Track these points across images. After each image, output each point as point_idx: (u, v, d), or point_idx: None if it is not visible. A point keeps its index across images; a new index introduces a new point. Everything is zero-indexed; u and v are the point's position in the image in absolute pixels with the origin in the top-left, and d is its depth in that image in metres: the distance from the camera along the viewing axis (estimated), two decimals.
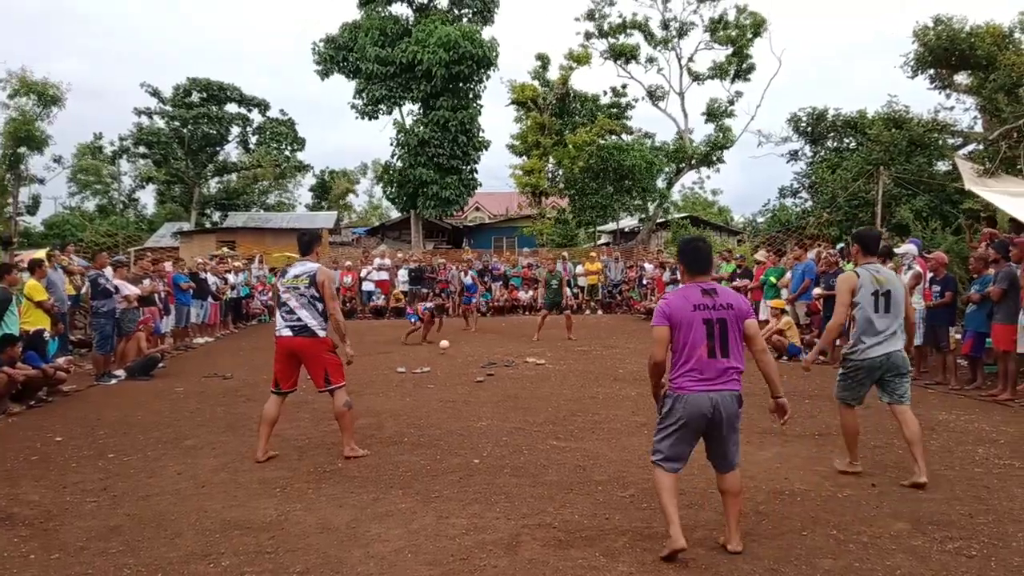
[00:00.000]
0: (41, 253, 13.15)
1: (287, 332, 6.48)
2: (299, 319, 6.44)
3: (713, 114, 33.76)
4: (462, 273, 21.04)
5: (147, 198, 52.29)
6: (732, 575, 4.00)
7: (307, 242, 6.75)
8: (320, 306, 6.48)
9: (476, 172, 34.02)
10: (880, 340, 5.73)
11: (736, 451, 4.34)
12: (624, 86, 35.72)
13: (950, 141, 21.63)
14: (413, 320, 16.32)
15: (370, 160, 61.86)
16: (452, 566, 4.18)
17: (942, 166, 20.92)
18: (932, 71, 21.25)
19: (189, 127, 42.83)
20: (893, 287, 5.78)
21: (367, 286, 23.77)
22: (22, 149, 33.46)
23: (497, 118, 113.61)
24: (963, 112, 22.68)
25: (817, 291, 12.48)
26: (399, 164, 33.27)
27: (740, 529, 4.38)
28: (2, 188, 34.42)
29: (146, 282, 13.24)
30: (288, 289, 6.52)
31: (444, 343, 11.77)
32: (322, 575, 4.08)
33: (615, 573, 4.03)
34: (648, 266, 22.74)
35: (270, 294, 22.46)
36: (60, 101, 33.74)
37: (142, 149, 43.78)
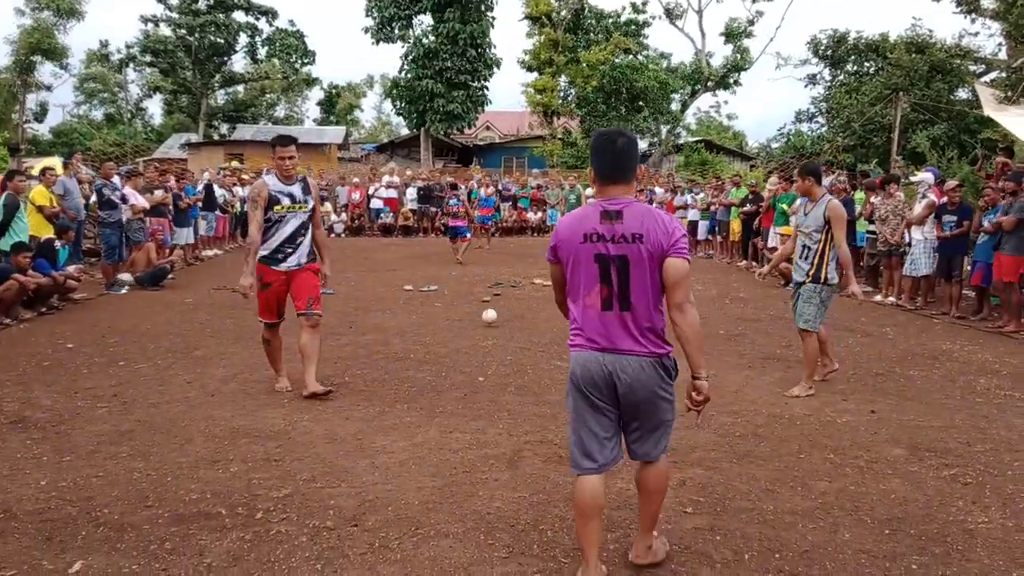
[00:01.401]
0: (55, 160, 13.10)
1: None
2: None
3: (732, 34, 32.92)
4: (483, 188, 20.79)
5: (154, 108, 51.87)
6: (728, 496, 4.07)
7: None
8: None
9: (487, 89, 33.45)
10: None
11: (659, 439, 3.15)
12: (644, 2, 34.76)
13: (972, 67, 21.07)
14: (468, 236, 15.99)
15: (378, 75, 60.83)
16: (455, 478, 4.27)
17: (962, 93, 20.46)
18: None
19: (196, 35, 41.98)
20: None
21: (375, 203, 23.66)
22: (35, 57, 33.07)
23: (510, 35, 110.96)
24: (987, 38, 22.14)
25: None
26: (407, 76, 32.68)
27: (650, 537, 3.31)
28: (11, 95, 34.13)
29: (158, 192, 13.22)
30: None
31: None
32: (328, 483, 4.18)
33: (613, 489, 4.12)
34: (658, 190, 22.53)
35: None
36: (79, 13, 33.22)
37: (148, 57, 43.02)
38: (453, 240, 15.90)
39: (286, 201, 5.75)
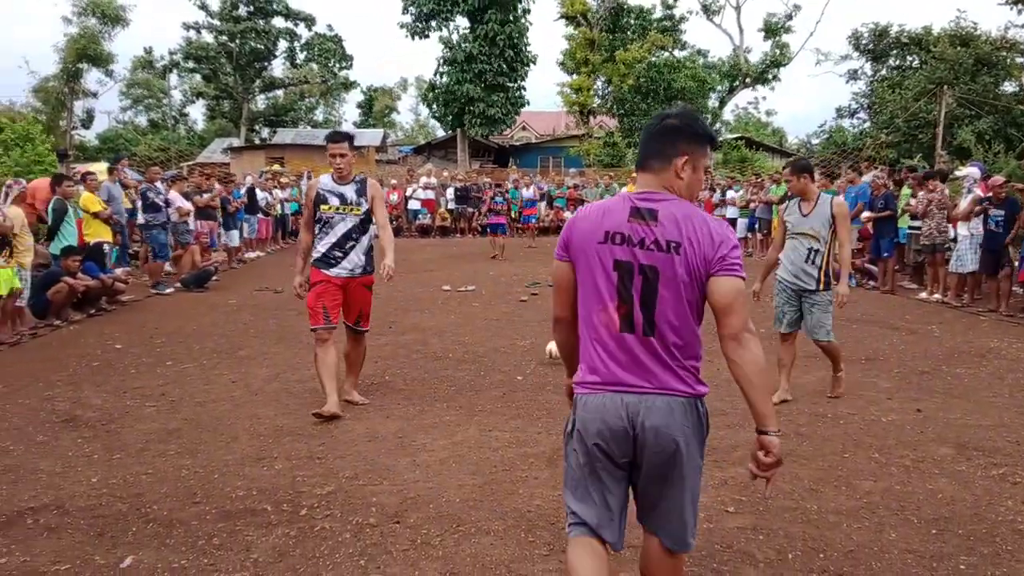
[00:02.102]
0: (101, 166, 13.40)
1: None
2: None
3: (770, 30, 32.54)
4: (525, 187, 20.82)
5: (197, 113, 52.79)
6: (771, 495, 4.03)
7: None
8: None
9: (524, 90, 33.47)
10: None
11: (686, 516, 2.37)
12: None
13: (1019, 60, 20.57)
14: (506, 233, 17.04)
15: (412, 77, 61.14)
16: (495, 476, 4.30)
17: (1009, 87, 20.01)
18: None
19: (237, 41, 42.66)
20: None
21: (413, 204, 23.79)
22: (82, 64, 33.90)
23: (546, 34, 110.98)
24: None
25: (866, 215, 12.18)
26: (445, 80, 32.82)
27: None
28: (59, 102, 35.01)
29: (206, 195, 13.51)
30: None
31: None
32: (371, 480, 4.23)
33: None
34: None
35: None
36: (124, 20, 34.01)
37: (191, 64, 43.84)
38: (493, 235, 16.78)
39: (334, 201, 5.46)
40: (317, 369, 5.49)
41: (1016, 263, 9.89)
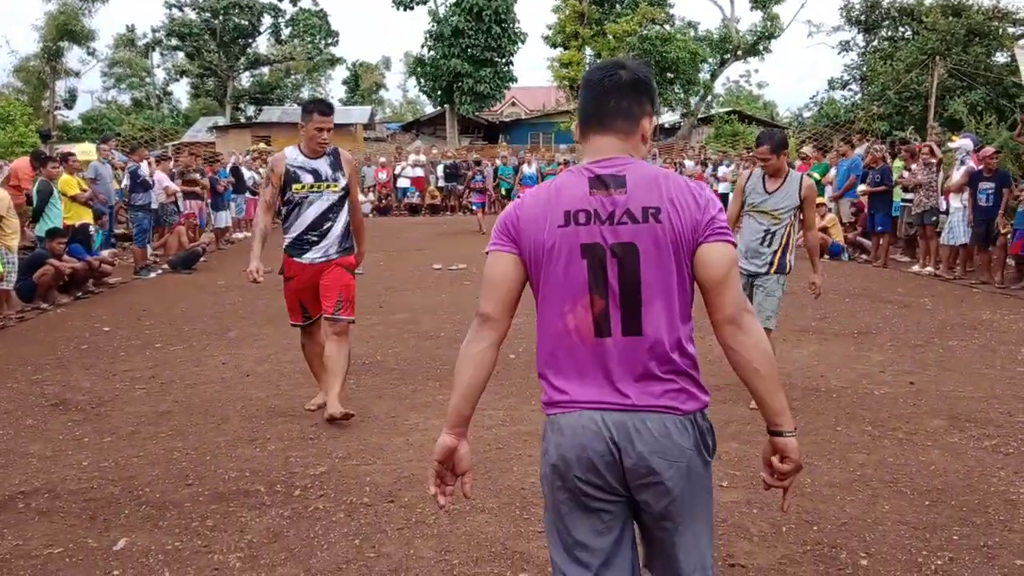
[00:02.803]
0: (86, 146, 13.24)
1: None
2: None
3: (760, 1, 32.26)
4: (525, 164, 20.70)
5: (181, 92, 52.20)
6: (789, 510, 4.03)
7: None
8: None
9: (512, 65, 33.20)
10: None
11: (705, 561, 1.89)
12: None
13: (1011, 30, 20.48)
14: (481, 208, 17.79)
15: (401, 53, 60.52)
16: (489, 455, 4.29)
17: (1000, 57, 19.92)
18: None
19: (220, 18, 42.09)
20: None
21: (402, 183, 23.65)
22: (62, 42, 33.44)
23: (534, 8, 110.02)
24: None
25: (862, 188, 12.17)
26: (432, 55, 32.52)
27: None
28: (41, 82, 34.56)
29: (196, 175, 13.42)
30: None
31: None
32: (364, 460, 4.22)
33: None
34: (688, 163, 22.28)
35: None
36: None
37: (174, 41, 43.25)
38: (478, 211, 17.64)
39: (308, 179, 4.76)
40: (308, 362, 5.15)
41: (1009, 235, 9.90)
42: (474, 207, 18.10)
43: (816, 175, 13.77)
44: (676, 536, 1.86)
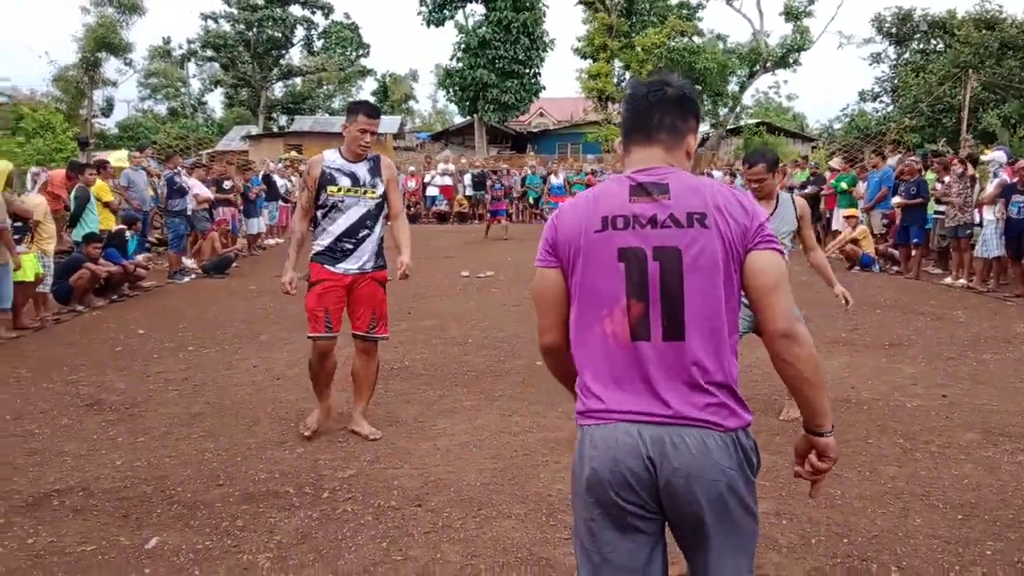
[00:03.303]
0: (121, 154, 13.49)
1: None
2: None
3: (791, 13, 32.04)
4: (552, 175, 20.67)
5: (215, 102, 52.90)
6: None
7: None
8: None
9: (539, 76, 33.27)
10: None
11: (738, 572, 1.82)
12: None
13: None
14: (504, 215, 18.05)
15: (431, 65, 60.81)
16: (515, 460, 4.29)
17: None
18: None
19: (254, 30, 42.70)
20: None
21: (431, 191, 23.80)
22: (101, 53, 34.13)
23: (563, 20, 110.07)
24: None
25: (897, 199, 12.03)
26: (460, 66, 32.73)
27: None
28: (79, 91, 35.24)
29: (227, 183, 13.62)
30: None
31: None
32: (391, 464, 4.24)
33: None
34: (717, 173, 22.18)
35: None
36: (140, 9, 34.20)
37: (209, 52, 43.92)
38: (494, 219, 17.77)
39: (345, 182, 4.51)
40: (314, 380, 4.70)
41: None
42: (493, 215, 18.09)
43: (843, 184, 13.65)
44: (711, 559, 1.79)
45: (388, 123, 38.79)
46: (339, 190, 4.51)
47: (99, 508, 3.73)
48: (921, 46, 25.41)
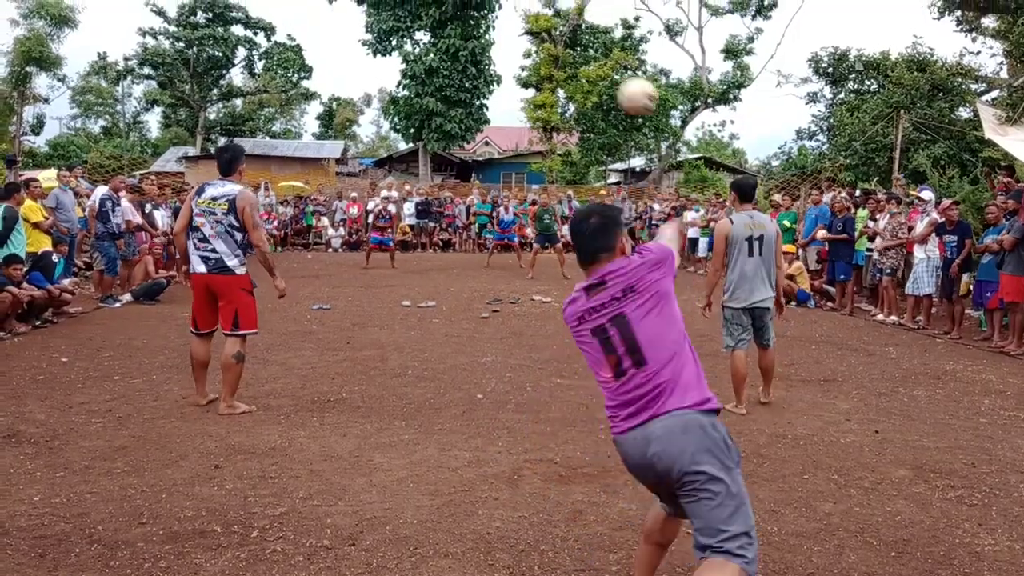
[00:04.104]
0: (50, 173, 13.05)
1: (201, 268, 5.66)
2: (214, 250, 5.62)
3: (732, 51, 33.00)
4: (502, 209, 20.53)
5: (152, 121, 51.80)
6: None
7: (228, 160, 5.81)
8: (239, 236, 5.66)
9: (485, 108, 33.46)
10: (750, 287, 5.92)
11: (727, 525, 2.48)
12: (637, 19, 34.89)
13: (973, 86, 21.07)
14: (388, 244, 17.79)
15: (375, 90, 60.65)
16: (454, 496, 4.20)
17: (964, 112, 20.44)
18: (959, 13, 20.58)
19: (194, 49, 42.05)
20: (766, 231, 5.93)
21: (391, 209, 23.57)
22: (30, 68, 33.10)
23: (507, 51, 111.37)
24: (989, 57, 22.05)
25: (822, 234, 12.38)
26: (405, 93, 32.73)
27: None
28: (8, 107, 34.10)
29: (157, 212, 13.25)
30: (203, 212, 5.61)
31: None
32: (325, 501, 4.11)
33: (615, 509, 4.06)
34: (656, 206, 22.53)
35: (276, 222, 22.39)
36: (72, 21, 33.33)
37: (147, 70, 43.04)
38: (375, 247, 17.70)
39: None
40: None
41: (970, 286, 10.09)
42: (373, 242, 18.02)
43: (786, 222, 13.98)
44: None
45: (331, 148, 38.55)
46: None
47: (13, 547, 3.52)
48: (856, 86, 26.24)
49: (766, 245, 5.91)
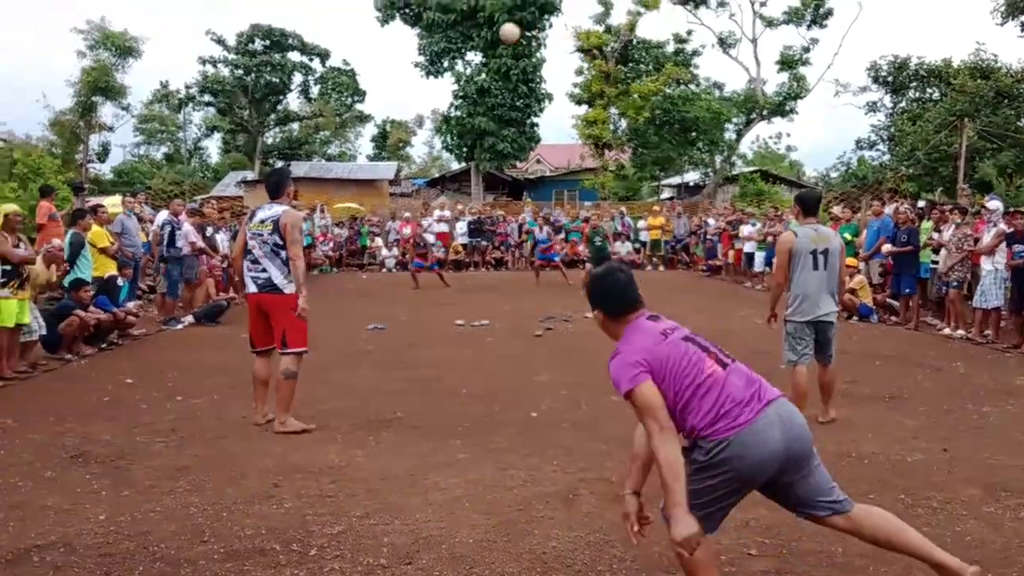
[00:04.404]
0: (114, 199, 13.49)
1: (253, 288, 5.96)
2: (263, 270, 5.89)
3: (787, 62, 32.46)
4: (537, 228, 20.55)
5: (212, 147, 53.27)
6: (794, 538, 3.90)
7: (275, 183, 6.15)
8: (285, 254, 5.87)
9: (537, 126, 33.60)
10: (815, 300, 5.90)
11: None
12: (689, 32, 34.62)
13: None
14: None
15: (428, 110, 61.29)
16: (510, 516, 4.18)
17: None
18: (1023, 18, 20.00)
19: (252, 75, 43.17)
20: (830, 245, 5.92)
21: (427, 237, 23.85)
22: (96, 98, 34.36)
23: (559, 68, 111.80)
24: None
25: (887, 248, 12.04)
26: (458, 113, 33.07)
27: None
28: (75, 136, 35.41)
29: (218, 235, 13.59)
30: (253, 235, 5.93)
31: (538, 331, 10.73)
32: (382, 520, 4.13)
33: None
34: (711, 221, 22.27)
35: (332, 244, 22.77)
36: (136, 52, 34.54)
37: (207, 98, 44.33)
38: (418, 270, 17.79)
39: None
40: None
41: None
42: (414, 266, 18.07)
43: (847, 235, 13.67)
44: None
45: (384, 169, 39.11)
46: None
47: (80, 565, 3.61)
48: (917, 95, 25.63)
49: (831, 259, 5.87)
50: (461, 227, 23.69)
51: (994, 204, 11.04)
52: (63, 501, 4.42)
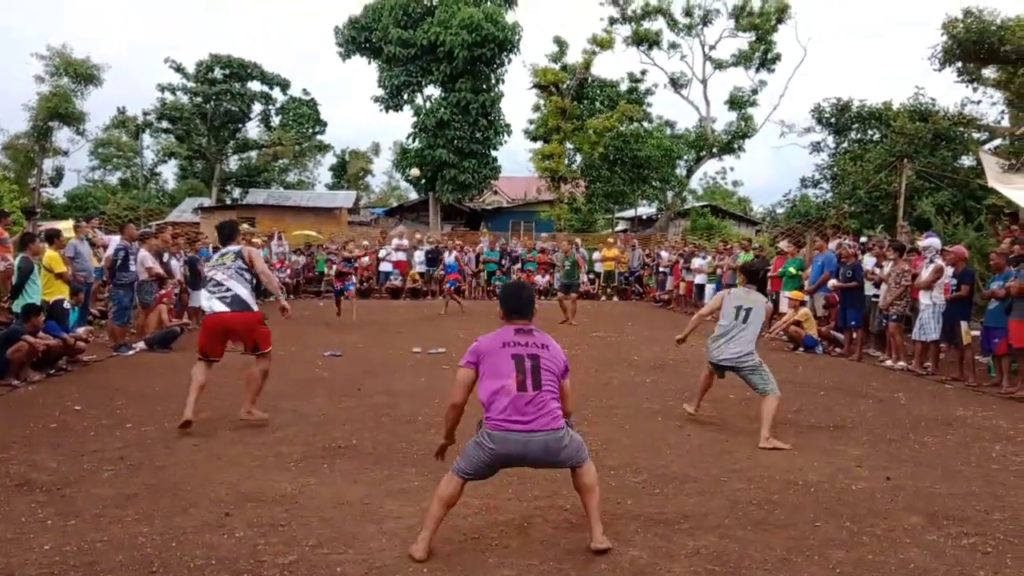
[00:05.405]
0: (67, 224, 13.27)
1: (221, 307, 6.63)
2: (229, 290, 6.62)
3: (736, 103, 33.47)
4: (446, 253, 20.81)
5: (168, 173, 52.59)
6: (743, 565, 3.99)
7: (228, 234, 7.08)
8: (248, 276, 6.73)
9: (496, 160, 33.94)
10: (722, 347, 6.97)
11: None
12: (643, 72, 35.48)
13: (975, 135, 21.27)
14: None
15: (390, 140, 61.33)
16: (464, 544, 4.20)
17: (966, 160, 20.61)
18: (960, 64, 20.83)
19: (211, 103, 42.91)
20: (755, 306, 6.97)
21: (384, 267, 23.84)
22: (52, 123, 33.83)
23: (516, 102, 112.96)
24: (990, 106, 22.19)
25: (833, 283, 12.40)
26: (417, 145, 33.21)
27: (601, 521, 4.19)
28: (28, 159, 34.75)
29: (173, 261, 13.40)
30: (214, 267, 6.78)
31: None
32: (335, 549, 4.11)
33: (626, 557, 4.04)
34: (664, 253, 22.64)
35: (289, 271, 22.59)
36: (97, 80, 34.14)
37: (165, 124, 43.88)
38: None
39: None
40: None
41: (976, 333, 10.06)
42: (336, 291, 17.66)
43: (792, 269, 14.03)
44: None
45: (343, 198, 39.04)
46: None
47: None
48: (859, 136, 26.43)
49: (752, 316, 6.91)
50: (419, 256, 23.74)
51: (929, 241, 11.44)
52: (6, 530, 4.32)
